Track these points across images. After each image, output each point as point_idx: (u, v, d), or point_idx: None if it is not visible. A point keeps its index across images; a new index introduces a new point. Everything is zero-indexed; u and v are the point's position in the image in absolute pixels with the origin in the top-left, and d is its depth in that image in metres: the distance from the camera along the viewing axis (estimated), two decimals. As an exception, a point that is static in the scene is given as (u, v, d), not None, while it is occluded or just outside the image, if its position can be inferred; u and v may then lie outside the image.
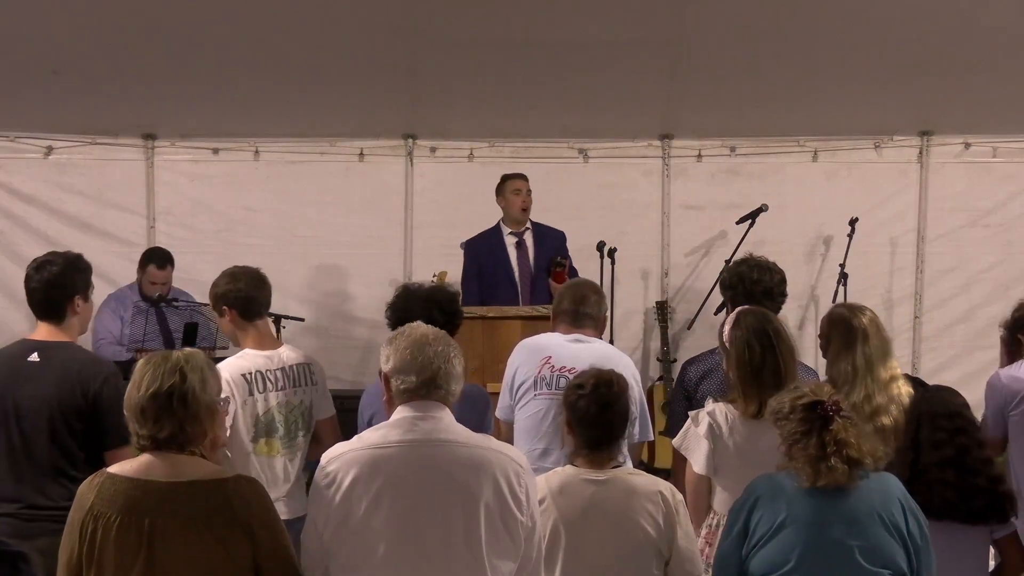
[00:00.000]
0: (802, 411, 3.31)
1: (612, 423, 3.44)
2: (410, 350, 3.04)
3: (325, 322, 7.37)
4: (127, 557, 2.81)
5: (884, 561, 3.24)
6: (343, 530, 2.90)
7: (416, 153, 7.48)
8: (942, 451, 3.80)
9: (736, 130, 7.33)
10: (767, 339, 3.92)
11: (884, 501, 3.29)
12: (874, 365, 4.29)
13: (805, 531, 3.23)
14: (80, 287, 4.06)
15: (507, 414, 4.56)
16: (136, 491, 2.85)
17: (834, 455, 3.23)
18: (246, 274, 4.49)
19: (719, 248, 7.38)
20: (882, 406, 4.23)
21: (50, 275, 4.03)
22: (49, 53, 6.28)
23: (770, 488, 3.32)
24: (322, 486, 2.93)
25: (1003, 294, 6.82)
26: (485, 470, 2.95)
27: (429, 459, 2.94)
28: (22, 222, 7.32)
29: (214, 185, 7.45)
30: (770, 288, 4.59)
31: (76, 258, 4.14)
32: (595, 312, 4.62)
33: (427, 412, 3.01)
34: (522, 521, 2.98)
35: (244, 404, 4.26)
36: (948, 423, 3.86)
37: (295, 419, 4.43)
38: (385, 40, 6.28)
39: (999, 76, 6.53)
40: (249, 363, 4.35)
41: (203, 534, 2.83)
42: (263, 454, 4.33)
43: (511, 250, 6.83)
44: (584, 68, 6.54)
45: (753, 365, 3.89)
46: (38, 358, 3.94)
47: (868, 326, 4.34)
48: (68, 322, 4.04)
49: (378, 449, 2.95)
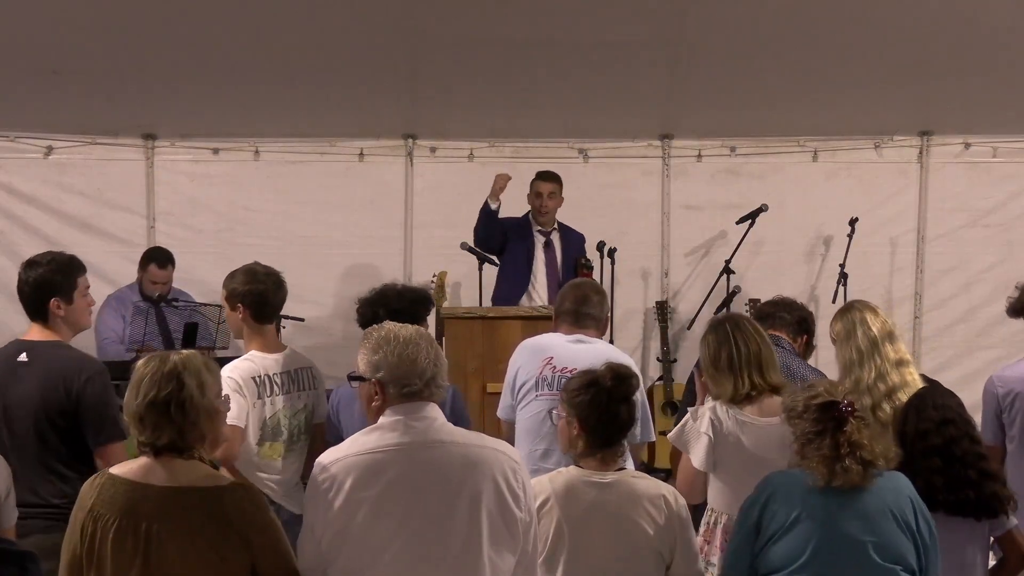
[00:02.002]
0: (816, 411, 3.33)
1: (631, 417, 3.44)
2: (404, 355, 3.01)
3: (325, 322, 7.37)
4: (124, 559, 2.82)
5: (896, 557, 3.27)
6: (343, 535, 2.88)
7: (416, 153, 7.49)
8: (928, 440, 3.80)
9: (736, 130, 7.34)
10: (723, 332, 4.00)
11: (896, 499, 3.32)
12: (880, 345, 4.34)
13: (819, 527, 3.25)
14: (61, 289, 4.01)
15: (508, 414, 4.56)
16: (134, 494, 2.85)
17: (848, 456, 3.25)
18: (268, 277, 4.45)
19: (719, 248, 7.39)
20: (897, 385, 4.26)
21: (34, 276, 4.02)
22: (49, 53, 6.27)
23: (784, 484, 3.33)
24: (319, 492, 2.91)
25: (1003, 294, 6.75)
26: (483, 469, 2.95)
27: (428, 461, 2.94)
28: (22, 222, 7.33)
29: (214, 185, 7.46)
30: (795, 323, 4.83)
31: (64, 259, 4.10)
32: (597, 313, 4.62)
33: (419, 412, 2.99)
34: (520, 517, 2.98)
35: (253, 407, 4.24)
36: (935, 413, 3.86)
37: (298, 423, 4.43)
38: (385, 40, 6.28)
39: (999, 76, 6.54)
40: (258, 366, 4.35)
41: (197, 540, 2.83)
42: (267, 458, 4.33)
43: (539, 250, 6.87)
44: (584, 68, 6.54)
45: (716, 357, 3.96)
46: (27, 358, 3.95)
47: (865, 312, 4.44)
48: (53, 322, 4.02)
49: (375, 453, 2.93)
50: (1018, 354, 5.26)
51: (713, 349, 3.98)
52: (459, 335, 5.60)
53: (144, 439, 2.90)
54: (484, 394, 5.34)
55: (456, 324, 5.66)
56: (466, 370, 5.44)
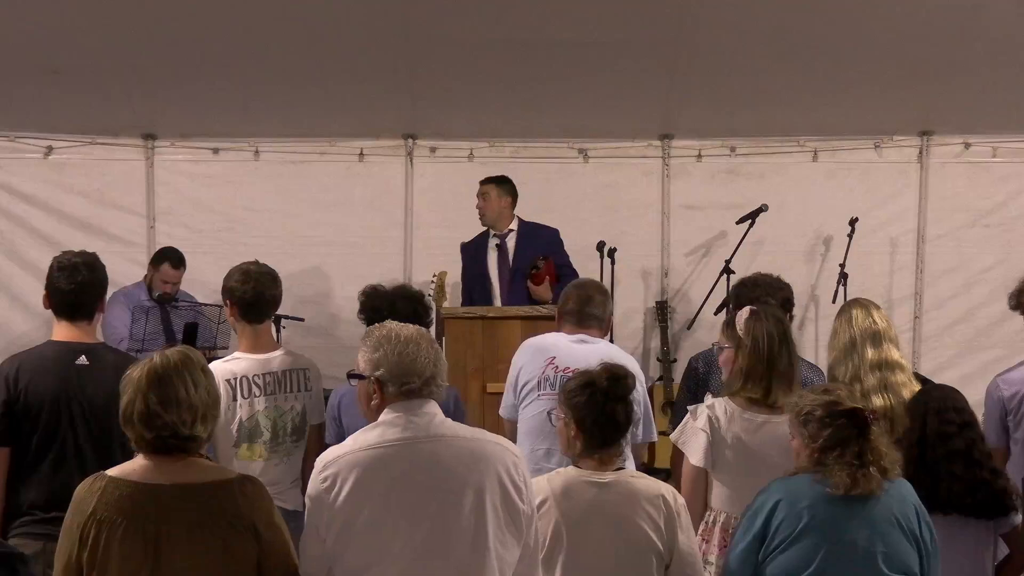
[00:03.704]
0: (841, 417, 3.30)
1: (628, 417, 3.42)
2: (404, 354, 3.02)
3: (325, 322, 7.37)
4: (134, 562, 2.80)
5: (902, 567, 3.26)
6: (348, 532, 2.89)
7: (416, 153, 7.48)
8: (951, 444, 3.80)
9: (736, 130, 7.33)
10: (785, 335, 3.96)
11: (901, 506, 3.30)
12: (860, 345, 4.34)
13: (828, 536, 3.23)
14: (106, 285, 4.12)
15: (511, 413, 4.57)
16: (141, 495, 2.84)
17: (872, 464, 3.24)
18: (259, 277, 4.42)
19: (719, 248, 7.38)
20: (872, 387, 4.26)
21: (84, 277, 4.04)
22: (49, 53, 6.28)
23: (790, 492, 3.30)
24: (322, 490, 2.91)
25: (1003, 294, 6.75)
26: (487, 463, 2.97)
27: (431, 455, 2.95)
28: (22, 222, 7.32)
29: (214, 185, 7.45)
30: (780, 306, 4.64)
31: (95, 257, 4.15)
32: (600, 313, 4.63)
33: (419, 409, 3.01)
34: (523, 509, 3.01)
35: (227, 410, 4.22)
36: (956, 416, 3.87)
37: (284, 424, 4.41)
38: (385, 40, 6.28)
39: (999, 76, 6.54)
40: (236, 367, 4.34)
41: (210, 537, 2.82)
42: (245, 458, 4.32)
43: (491, 253, 6.83)
44: (584, 68, 6.54)
45: (769, 356, 3.90)
46: (87, 360, 3.95)
47: (854, 309, 4.46)
48: (95, 322, 4.07)
49: (378, 449, 2.94)
50: (1018, 354, 5.28)
51: (776, 349, 3.91)
52: (459, 335, 5.60)
53: (140, 436, 2.88)
54: (484, 394, 5.35)
55: (456, 324, 5.66)
56: (466, 370, 5.45)
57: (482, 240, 6.88)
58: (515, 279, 6.67)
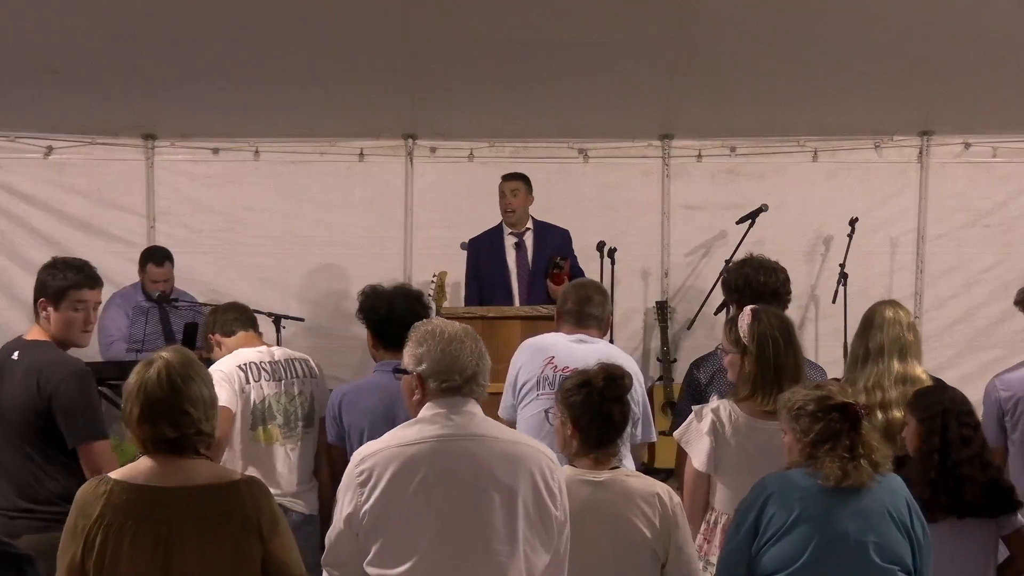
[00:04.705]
0: (833, 411, 3.31)
1: (624, 417, 3.42)
2: (446, 351, 3.03)
3: (325, 322, 7.36)
4: (143, 565, 2.79)
5: (894, 558, 3.27)
6: (381, 526, 2.90)
7: (416, 153, 7.48)
8: (971, 447, 3.80)
9: (736, 130, 7.33)
10: (789, 336, 3.93)
11: (893, 499, 3.32)
12: (887, 354, 4.31)
13: (819, 527, 3.24)
14: (46, 293, 4.01)
15: (510, 413, 4.56)
16: (148, 498, 2.83)
17: (862, 457, 3.25)
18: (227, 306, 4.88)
19: (719, 248, 7.38)
20: (894, 400, 4.24)
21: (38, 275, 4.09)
22: (49, 53, 6.28)
23: (782, 485, 3.32)
24: (356, 483, 2.93)
25: (1003, 294, 6.81)
26: (522, 464, 2.97)
27: (467, 453, 2.96)
28: (22, 222, 7.32)
29: (214, 185, 7.45)
30: (776, 289, 4.54)
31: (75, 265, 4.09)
32: (599, 313, 4.62)
33: (460, 407, 3.02)
34: (556, 515, 3.01)
35: (241, 392, 4.41)
36: (971, 419, 3.87)
37: (294, 409, 4.54)
38: (385, 40, 6.28)
39: (999, 76, 6.54)
40: (242, 358, 4.53)
41: (218, 538, 2.82)
42: (261, 441, 4.45)
43: (509, 251, 6.84)
44: (584, 68, 6.55)
45: (777, 361, 3.87)
46: (17, 356, 3.99)
47: (889, 317, 4.39)
48: (43, 323, 4.04)
49: (416, 445, 2.95)
50: (1018, 355, 5.28)
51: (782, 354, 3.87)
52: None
53: (143, 437, 2.88)
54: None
55: (456, 324, 5.65)
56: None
57: (496, 238, 6.88)
58: (535, 278, 6.67)
